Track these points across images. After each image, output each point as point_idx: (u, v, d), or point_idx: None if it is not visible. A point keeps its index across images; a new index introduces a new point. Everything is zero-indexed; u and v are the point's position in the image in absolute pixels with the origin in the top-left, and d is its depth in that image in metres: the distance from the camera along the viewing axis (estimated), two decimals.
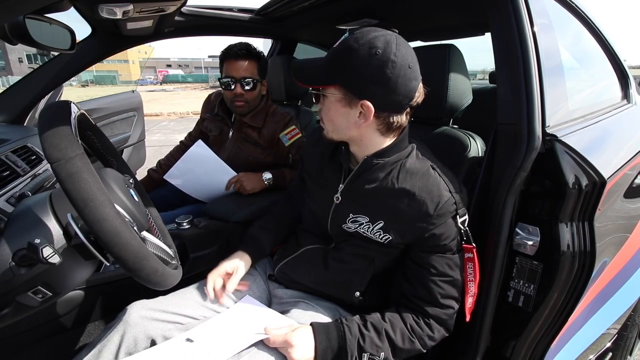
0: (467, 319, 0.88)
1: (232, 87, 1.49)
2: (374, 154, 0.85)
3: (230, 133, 1.63)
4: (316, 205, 1.00)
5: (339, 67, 0.78)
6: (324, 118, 0.86)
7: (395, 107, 0.79)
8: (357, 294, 0.93)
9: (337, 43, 0.80)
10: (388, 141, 0.85)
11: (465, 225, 0.84)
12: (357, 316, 0.86)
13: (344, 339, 0.80)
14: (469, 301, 0.86)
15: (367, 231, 0.87)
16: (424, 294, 0.85)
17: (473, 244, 0.84)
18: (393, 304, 0.91)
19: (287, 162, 1.61)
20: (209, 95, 1.77)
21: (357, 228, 0.89)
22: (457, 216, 0.82)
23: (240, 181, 1.49)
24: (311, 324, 0.82)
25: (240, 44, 1.50)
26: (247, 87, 1.49)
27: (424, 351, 0.85)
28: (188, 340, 0.83)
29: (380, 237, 0.87)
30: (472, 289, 0.85)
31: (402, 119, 0.81)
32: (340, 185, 0.91)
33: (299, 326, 0.83)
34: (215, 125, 1.69)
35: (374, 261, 0.91)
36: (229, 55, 1.48)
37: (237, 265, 0.98)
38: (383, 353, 0.80)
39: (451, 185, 0.83)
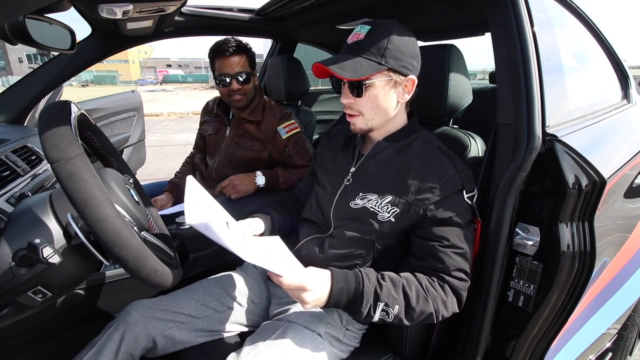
0: None
1: (228, 83, 1.49)
2: (384, 138, 0.93)
3: (227, 131, 1.63)
4: (324, 189, 1.00)
5: (383, 53, 0.82)
6: (366, 107, 0.87)
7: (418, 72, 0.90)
8: None
9: (364, 36, 0.84)
10: (403, 121, 0.93)
11: (474, 201, 0.86)
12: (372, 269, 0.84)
13: (362, 284, 0.78)
14: None
15: (375, 206, 0.89)
16: (435, 265, 0.83)
17: (479, 219, 0.88)
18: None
19: (283, 158, 1.59)
20: (207, 102, 1.78)
21: (365, 203, 0.90)
22: (464, 192, 0.85)
23: (233, 184, 1.45)
24: (329, 268, 0.80)
25: (229, 39, 1.48)
26: (242, 81, 1.50)
27: (435, 321, 0.82)
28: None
29: (387, 210, 0.88)
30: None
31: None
32: (352, 169, 0.95)
33: (314, 270, 0.79)
34: (213, 125, 1.69)
35: (374, 244, 0.91)
36: (219, 53, 1.47)
37: (250, 224, 0.97)
38: (397, 307, 0.78)
39: (456, 164, 0.86)
